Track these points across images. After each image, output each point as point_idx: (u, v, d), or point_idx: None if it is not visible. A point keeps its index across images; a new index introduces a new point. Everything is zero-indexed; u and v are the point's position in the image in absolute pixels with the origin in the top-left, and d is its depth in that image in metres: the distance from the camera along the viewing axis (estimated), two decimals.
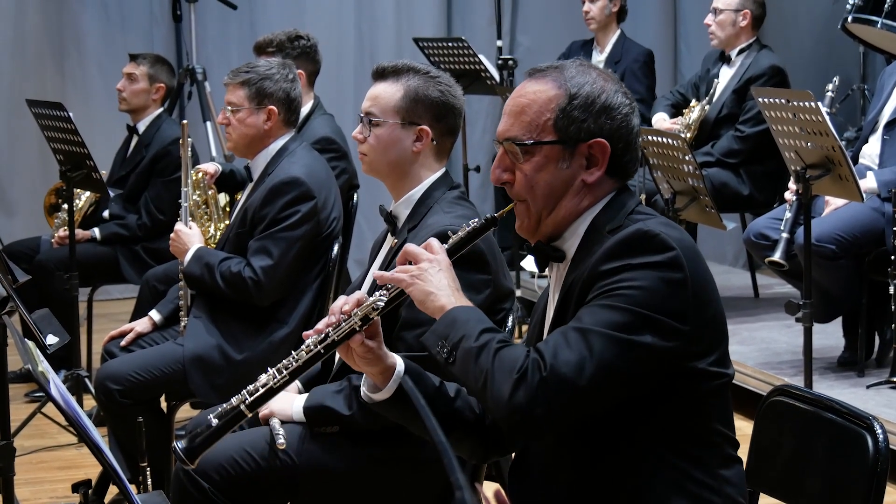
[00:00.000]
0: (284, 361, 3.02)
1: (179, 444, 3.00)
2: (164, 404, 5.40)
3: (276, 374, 3.01)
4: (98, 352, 5.93)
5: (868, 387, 6.19)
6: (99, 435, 3.02)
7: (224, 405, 3.02)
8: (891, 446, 2.96)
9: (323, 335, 3.00)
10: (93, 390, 5.68)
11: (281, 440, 3.89)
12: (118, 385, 5.14)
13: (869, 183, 6.21)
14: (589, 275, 2.85)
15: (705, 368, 2.86)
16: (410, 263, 2.96)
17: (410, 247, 2.98)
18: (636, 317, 2.77)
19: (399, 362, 3.06)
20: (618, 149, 2.97)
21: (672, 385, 2.84)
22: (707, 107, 7.89)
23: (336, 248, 5.32)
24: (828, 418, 3.06)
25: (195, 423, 4.24)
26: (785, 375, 6.43)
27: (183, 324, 5.37)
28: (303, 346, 3.02)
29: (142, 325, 5.57)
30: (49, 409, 6.29)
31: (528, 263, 7.61)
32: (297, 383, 4.16)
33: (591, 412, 2.81)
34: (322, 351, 3.00)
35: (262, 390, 3.00)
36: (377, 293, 2.98)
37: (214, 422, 3.00)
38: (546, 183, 2.96)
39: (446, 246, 3.00)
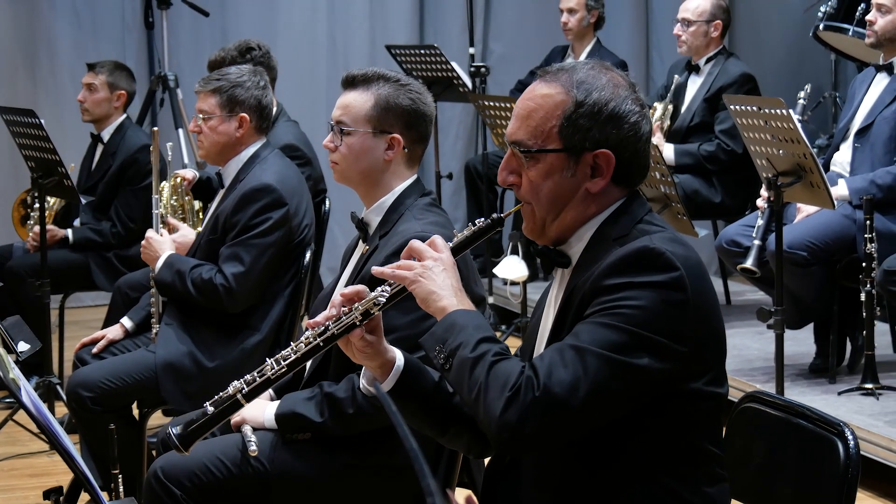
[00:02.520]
0: (283, 352, 3.01)
1: (174, 430, 2.99)
2: (136, 411, 5.38)
3: (275, 365, 2.99)
4: (70, 359, 5.92)
5: (839, 393, 6.19)
6: (70, 442, 3.01)
7: (220, 394, 3.00)
8: (861, 452, 2.97)
9: (323, 328, 2.98)
10: (64, 397, 5.65)
11: (253, 447, 3.88)
12: (90, 392, 5.12)
13: (840, 190, 6.23)
14: (591, 287, 2.82)
15: (700, 388, 2.85)
16: (414, 259, 2.94)
17: (416, 243, 2.96)
18: (634, 337, 2.74)
19: (399, 357, 3.04)
20: (623, 158, 2.92)
21: (665, 403, 2.83)
22: (670, 106, 7.93)
23: (308, 254, 5.31)
24: (799, 425, 3.07)
25: (165, 433, 4.22)
26: (756, 382, 6.43)
27: (154, 331, 5.35)
28: (302, 339, 3.00)
29: (113, 332, 5.56)
30: (20, 416, 6.26)
31: (501, 271, 7.59)
32: (269, 390, 4.15)
33: (582, 432, 2.80)
34: (321, 344, 2.98)
35: (259, 380, 2.99)
36: (379, 288, 2.96)
37: (210, 410, 2.99)
38: (550, 190, 2.93)
39: (451, 244, 2.98)
